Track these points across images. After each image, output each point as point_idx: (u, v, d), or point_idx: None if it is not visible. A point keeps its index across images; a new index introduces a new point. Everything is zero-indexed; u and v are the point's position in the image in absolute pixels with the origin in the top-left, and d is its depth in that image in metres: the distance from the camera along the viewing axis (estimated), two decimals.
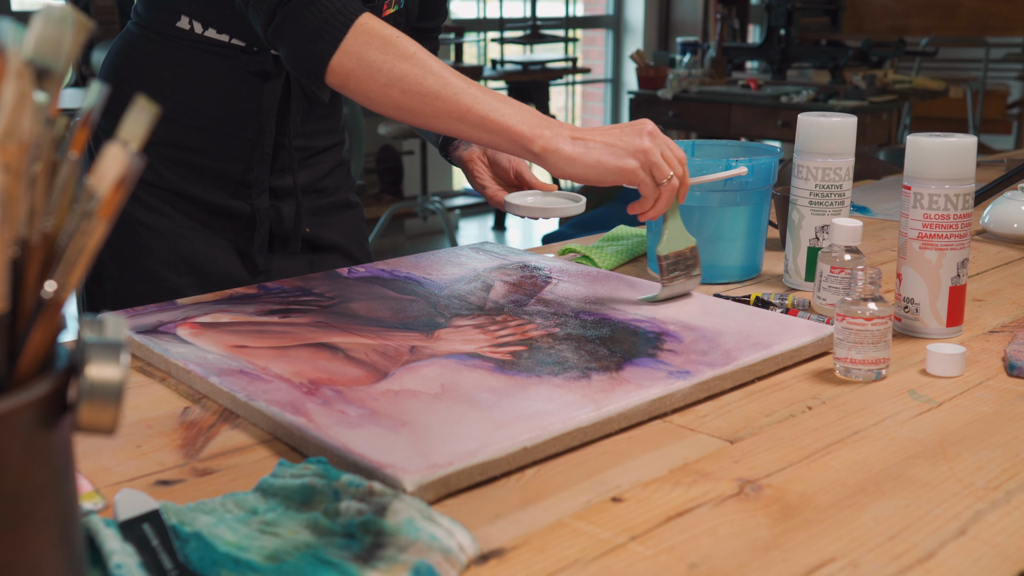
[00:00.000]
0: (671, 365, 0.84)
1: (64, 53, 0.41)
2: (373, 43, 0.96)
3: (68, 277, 0.38)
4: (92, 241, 0.37)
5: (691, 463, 0.71)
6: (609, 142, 0.95)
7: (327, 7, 0.96)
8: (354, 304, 1.01)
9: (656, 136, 0.97)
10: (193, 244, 1.16)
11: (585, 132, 0.96)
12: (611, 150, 0.95)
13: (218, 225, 1.19)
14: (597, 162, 0.94)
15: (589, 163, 0.94)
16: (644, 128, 0.97)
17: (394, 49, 0.96)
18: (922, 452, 0.72)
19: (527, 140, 0.95)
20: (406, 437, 0.70)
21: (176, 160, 1.16)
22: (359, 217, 1.35)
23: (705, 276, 1.16)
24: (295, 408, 0.75)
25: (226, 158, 1.16)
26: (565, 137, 0.95)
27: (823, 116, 1.10)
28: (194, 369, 0.83)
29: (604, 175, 0.95)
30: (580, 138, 0.95)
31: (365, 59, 0.96)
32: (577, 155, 0.94)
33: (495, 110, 0.95)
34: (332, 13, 0.96)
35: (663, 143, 0.97)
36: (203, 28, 1.12)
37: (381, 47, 0.96)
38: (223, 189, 1.18)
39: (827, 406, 0.81)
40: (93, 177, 0.37)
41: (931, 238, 0.95)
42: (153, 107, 0.42)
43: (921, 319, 0.97)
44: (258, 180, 1.18)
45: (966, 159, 0.94)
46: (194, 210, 1.17)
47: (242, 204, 1.19)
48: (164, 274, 1.14)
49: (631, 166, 0.95)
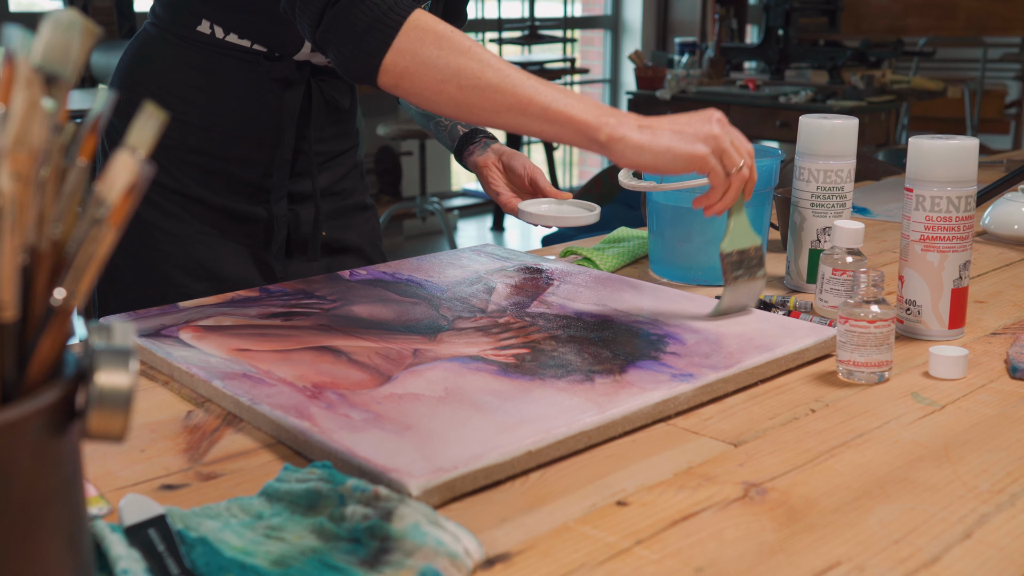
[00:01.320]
0: (674, 368, 0.84)
1: (72, 59, 0.41)
2: (427, 39, 0.92)
3: (78, 284, 0.38)
4: (102, 248, 0.37)
5: (695, 466, 0.71)
6: (677, 129, 0.91)
7: (378, 5, 0.93)
8: (356, 307, 1.00)
9: (724, 124, 0.93)
10: (210, 249, 1.16)
11: (652, 120, 0.93)
12: (680, 136, 0.91)
13: (235, 231, 1.18)
14: (666, 148, 0.90)
15: (658, 150, 0.90)
16: (712, 115, 0.93)
17: (449, 44, 0.92)
18: (926, 455, 0.72)
19: (592, 129, 0.91)
20: (410, 441, 0.70)
21: (194, 165, 1.16)
22: (374, 219, 1.35)
23: (706, 278, 1.16)
24: (299, 412, 0.75)
25: (245, 163, 1.16)
26: (631, 125, 0.91)
27: (824, 118, 1.10)
28: (197, 373, 0.83)
29: (673, 162, 0.91)
30: (647, 126, 0.91)
31: (419, 56, 0.92)
32: (645, 143, 0.90)
33: (557, 100, 0.91)
34: (384, 11, 0.93)
35: (732, 133, 0.94)
36: (224, 33, 1.11)
37: (435, 42, 0.92)
38: (241, 194, 1.17)
39: (830, 409, 0.81)
40: (103, 184, 0.37)
41: (933, 240, 0.95)
42: (161, 113, 0.42)
43: (923, 321, 0.97)
44: (277, 185, 1.18)
45: (968, 161, 0.95)
46: (211, 215, 1.17)
47: (259, 209, 1.18)
48: (180, 279, 1.14)
49: (702, 152, 0.91)
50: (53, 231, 0.40)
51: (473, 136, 1.27)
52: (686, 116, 0.93)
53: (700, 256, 1.15)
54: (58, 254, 0.40)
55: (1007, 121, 6.52)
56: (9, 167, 0.33)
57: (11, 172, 0.33)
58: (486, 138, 1.27)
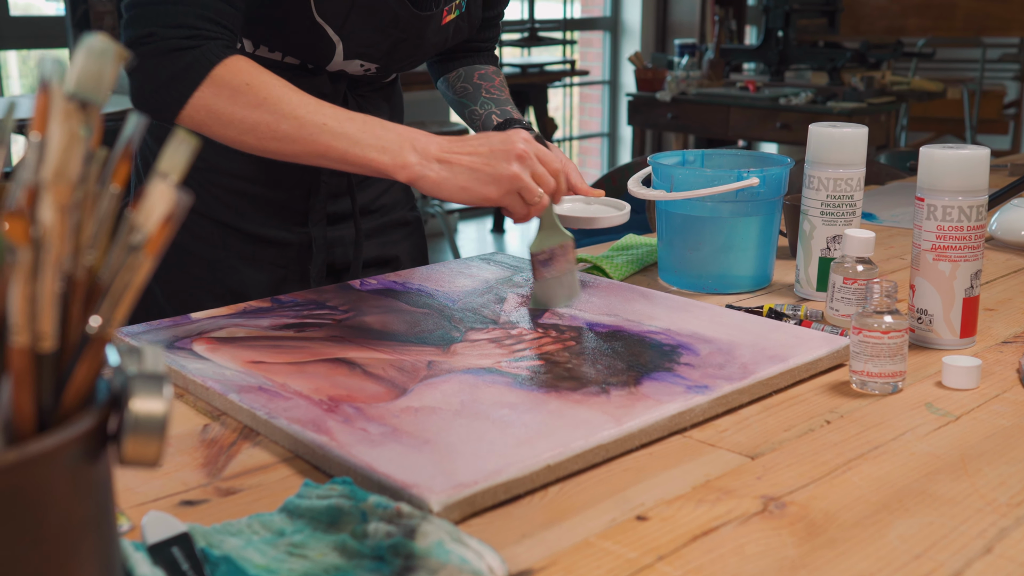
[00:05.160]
0: (689, 379, 0.84)
1: (105, 86, 0.41)
2: (223, 94, 0.94)
3: (113, 313, 0.38)
4: (138, 277, 0.37)
5: (713, 480, 0.71)
6: (475, 166, 0.94)
7: (182, 57, 0.93)
8: (368, 318, 1.01)
9: (526, 158, 0.95)
10: (239, 275, 1.16)
11: (455, 148, 0.94)
12: (475, 176, 0.94)
13: (267, 256, 1.18)
14: (461, 188, 0.94)
15: (453, 189, 0.94)
16: (513, 151, 0.94)
17: (244, 99, 0.94)
18: (943, 467, 0.72)
19: (391, 171, 0.94)
20: (429, 455, 0.70)
21: (227, 188, 1.15)
22: (417, 233, 1.35)
23: (716, 287, 1.16)
24: (316, 426, 0.75)
25: (280, 186, 1.15)
26: (431, 161, 0.94)
27: (834, 127, 1.11)
28: (213, 386, 0.83)
29: (469, 200, 0.95)
30: (446, 160, 0.94)
31: (214, 111, 0.94)
32: (442, 181, 0.93)
33: (355, 144, 0.93)
34: (188, 63, 0.94)
35: (533, 163, 0.95)
36: (254, 47, 1.11)
37: (231, 97, 0.94)
38: (275, 217, 1.17)
39: (845, 420, 0.81)
40: (139, 213, 0.37)
41: (945, 250, 0.95)
42: (193, 139, 0.42)
43: (935, 330, 0.98)
44: (315, 207, 1.18)
45: (979, 171, 0.95)
46: (242, 241, 1.17)
47: (293, 233, 1.18)
48: (209, 304, 1.13)
49: (493, 195, 0.94)
50: (87, 258, 0.40)
51: (507, 126, 1.27)
52: (488, 148, 0.94)
53: (710, 264, 1.15)
54: (92, 281, 0.40)
55: (1006, 121, 6.53)
56: (51, 200, 0.33)
57: (53, 204, 0.33)
58: (521, 128, 1.28)
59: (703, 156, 1.26)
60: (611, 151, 6.41)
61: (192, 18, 0.95)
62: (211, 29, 0.96)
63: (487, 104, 1.27)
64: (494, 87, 1.30)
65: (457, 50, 1.34)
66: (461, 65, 1.33)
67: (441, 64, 1.35)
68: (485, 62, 1.34)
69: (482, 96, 1.28)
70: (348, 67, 1.15)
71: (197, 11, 0.95)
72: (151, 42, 0.94)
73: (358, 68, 1.16)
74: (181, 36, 0.94)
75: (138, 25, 0.95)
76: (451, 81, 1.33)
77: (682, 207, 1.15)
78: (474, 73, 1.31)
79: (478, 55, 1.34)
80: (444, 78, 1.34)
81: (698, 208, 1.14)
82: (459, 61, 1.34)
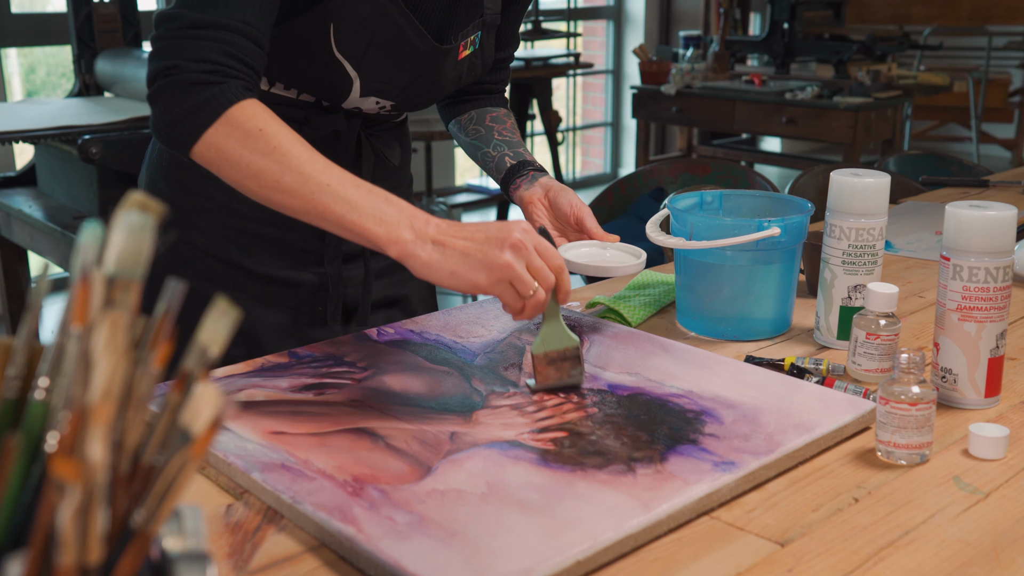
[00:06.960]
0: (715, 454, 0.83)
1: (144, 260, 0.40)
2: (234, 135, 0.93)
3: (158, 509, 0.37)
4: (184, 477, 0.36)
5: (744, 572, 0.70)
6: (468, 251, 0.90)
7: (202, 91, 0.93)
8: (388, 377, 1.00)
9: (521, 249, 0.91)
10: (252, 318, 1.15)
11: (452, 232, 0.91)
12: (466, 261, 0.90)
13: (276, 297, 1.18)
14: (451, 272, 0.90)
15: (443, 273, 0.91)
16: (508, 239, 0.91)
17: (255, 144, 0.92)
18: (976, 557, 0.72)
19: (383, 244, 0.91)
20: (458, 550, 0.69)
21: (239, 230, 1.15)
22: None
23: (736, 333, 1.15)
24: (342, 513, 0.74)
25: (293, 227, 1.15)
26: (425, 241, 0.91)
27: (856, 175, 1.09)
28: (235, 463, 0.82)
29: (458, 286, 0.91)
30: (441, 243, 0.91)
31: (223, 152, 0.93)
32: (433, 263, 0.90)
33: (353, 210, 0.91)
34: (206, 99, 0.93)
35: (529, 254, 0.92)
36: (269, 84, 1.10)
37: (241, 140, 0.92)
38: (287, 258, 1.17)
39: (873, 497, 0.80)
40: (187, 415, 0.36)
41: (970, 311, 0.95)
42: (234, 311, 0.41)
43: (959, 390, 0.97)
44: (330, 246, 1.17)
45: (1006, 231, 0.94)
46: (251, 282, 1.16)
47: (306, 274, 1.18)
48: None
49: (483, 281, 0.90)
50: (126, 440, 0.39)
51: (520, 169, 1.26)
52: (484, 234, 0.91)
53: (729, 310, 1.15)
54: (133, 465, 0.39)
55: (1011, 109, 6.50)
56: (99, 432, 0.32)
57: (100, 422, 0.32)
58: (534, 171, 1.26)
59: (721, 196, 1.25)
60: (615, 140, 6.39)
61: (217, 54, 0.94)
62: (235, 67, 0.95)
63: (500, 146, 1.26)
64: (506, 129, 1.29)
65: (468, 92, 1.33)
66: (472, 107, 1.32)
67: (452, 106, 1.34)
68: (496, 104, 1.34)
69: (495, 138, 1.28)
70: (364, 104, 1.14)
71: (223, 47, 0.94)
72: (174, 74, 0.94)
73: (373, 106, 1.15)
74: (204, 71, 0.93)
75: (164, 57, 0.95)
76: (463, 123, 1.32)
77: (702, 255, 1.14)
78: (486, 116, 1.30)
79: (489, 97, 1.34)
80: (456, 120, 1.34)
81: (718, 256, 1.13)
82: (470, 103, 1.33)
